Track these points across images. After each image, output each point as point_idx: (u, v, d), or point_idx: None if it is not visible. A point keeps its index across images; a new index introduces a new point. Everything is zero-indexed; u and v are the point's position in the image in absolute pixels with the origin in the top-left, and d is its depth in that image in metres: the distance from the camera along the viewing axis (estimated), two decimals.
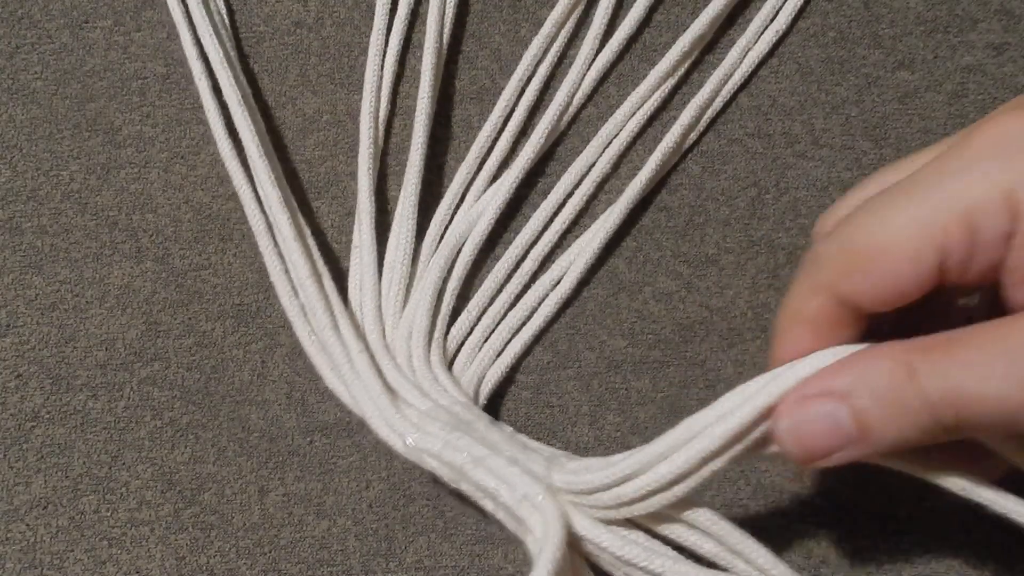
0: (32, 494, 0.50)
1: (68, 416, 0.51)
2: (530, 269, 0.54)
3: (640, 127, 0.56)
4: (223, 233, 0.54)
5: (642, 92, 0.56)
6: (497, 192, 0.54)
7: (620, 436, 0.51)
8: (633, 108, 0.56)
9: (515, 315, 0.53)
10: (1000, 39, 0.57)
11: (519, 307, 0.53)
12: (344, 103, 0.57)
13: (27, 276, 0.53)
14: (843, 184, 0.55)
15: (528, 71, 0.57)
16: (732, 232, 0.54)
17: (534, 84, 0.57)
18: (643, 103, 0.56)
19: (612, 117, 0.56)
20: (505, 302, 0.53)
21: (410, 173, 0.53)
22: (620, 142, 0.56)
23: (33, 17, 0.58)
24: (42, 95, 0.57)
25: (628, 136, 0.56)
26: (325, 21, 0.58)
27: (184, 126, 0.56)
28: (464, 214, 0.54)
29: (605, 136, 0.56)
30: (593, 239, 0.53)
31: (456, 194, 0.54)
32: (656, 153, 0.54)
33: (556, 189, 0.55)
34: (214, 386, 0.52)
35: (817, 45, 0.58)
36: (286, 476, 0.50)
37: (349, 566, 0.49)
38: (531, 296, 0.53)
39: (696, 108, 0.55)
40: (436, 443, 0.45)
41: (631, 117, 0.56)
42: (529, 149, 0.54)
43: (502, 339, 0.52)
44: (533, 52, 0.57)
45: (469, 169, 0.55)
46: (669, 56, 0.56)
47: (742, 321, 0.53)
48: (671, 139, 0.54)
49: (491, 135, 0.55)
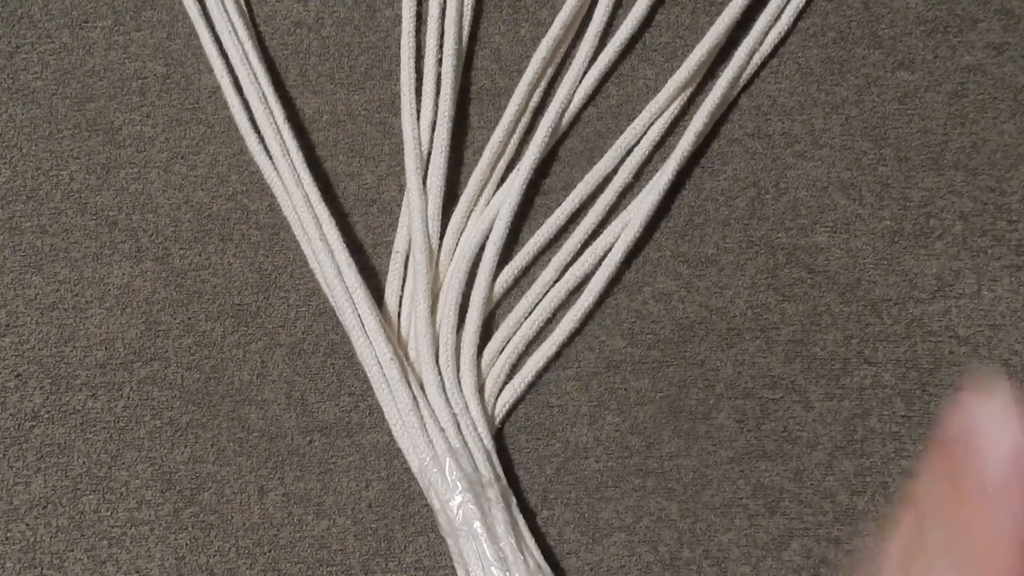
0: (32, 494, 0.50)
1: (68, 416, 0.51)
2: (550, 279, 0.54)
3: (661, 135, 0.56)
4: (223, 233, 0.54)
5: (661, 102, 0.56)
6: (507, 196, 0.54)
7: (619, 436, 0.51)
8: (652, 117, 0.56)
9: (534, 328, 0.53)
10: (1000, 39, 0.57)
11: (538, 319, 0.53)
12: (344, 103, 0.57)
13: (27, 276, 0.53)
14: (843, 184, 0.55)
15: (537, 74, 0.57)
16: (731, 232, 0.54)
17: (542, 86, 0.57)
18: (662, 112, 0.56)
19: (630, 127, 0.56)
20: (532, 319, 0.53)
21: (434, 176, 0.54)
22: (641, 151, 0.56)
23: (33, 17, 0.58)
24: (42, 95, 0.57)
25: (649, 145, 0.56)
26: (325, 21, 0.58)
27: (184, 126, 0.56)
28: (477, 219, 0.54)
29: (623, 146, 0.56)
30: (615, 251, 0.53)
31: (472, 198, 0.54)
32: (671, 161, 0.54)
33: (571, 197, 0.54)
34: (214, 386, 0.52)
35: (817, 45, 0.58)
36: (286, 476, 0.50)
37: (348, 566, 0.49)
38: (548, 307, 0.53)
39: (707, 113, 0.55)
40: (449, 495, 0.47)
41: (651, 126, 0.56)
42: (534, 150, 0.54)
43: (520, 353, 0.53)
44: (542, 55, 0.57)
45: (483, 174, 0.55)
46: (687, 64, 0.56)
47: (742, 321, 0.53)
48: (686, 146, 0.54)
49: (503, 139, 0.55)
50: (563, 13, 0.57)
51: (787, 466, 0.50)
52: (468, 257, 0.53)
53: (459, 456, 0.48)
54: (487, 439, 0.50)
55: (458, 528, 0.46)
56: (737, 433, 0.51)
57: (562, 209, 0.54)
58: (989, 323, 0.52)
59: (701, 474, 0.50)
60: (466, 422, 0.49)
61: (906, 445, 0.50)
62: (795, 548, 0.49)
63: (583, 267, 0.53)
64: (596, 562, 0.49)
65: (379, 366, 0.50)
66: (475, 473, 0.48)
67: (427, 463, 0.48)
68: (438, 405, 0.49)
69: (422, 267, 0.52)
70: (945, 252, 0.54)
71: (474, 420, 0.50)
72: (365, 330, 0.50)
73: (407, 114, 0.55)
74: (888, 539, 0.32)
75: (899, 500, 0.48)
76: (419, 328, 0.51)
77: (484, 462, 0.48)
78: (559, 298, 0.53)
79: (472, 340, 0.52)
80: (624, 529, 0.49)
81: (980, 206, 0.54)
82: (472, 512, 0.47)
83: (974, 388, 0.32)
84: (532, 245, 0.54)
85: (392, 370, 0.49)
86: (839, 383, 0.51)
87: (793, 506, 0.50)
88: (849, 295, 0.53)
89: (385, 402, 0.49)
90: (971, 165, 0.55)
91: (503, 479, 0.49)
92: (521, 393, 0.52)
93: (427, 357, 0.50)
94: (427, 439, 0.48)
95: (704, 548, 0.49)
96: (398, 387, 0.49)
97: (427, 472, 0.48)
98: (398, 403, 0.49)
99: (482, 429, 0.50)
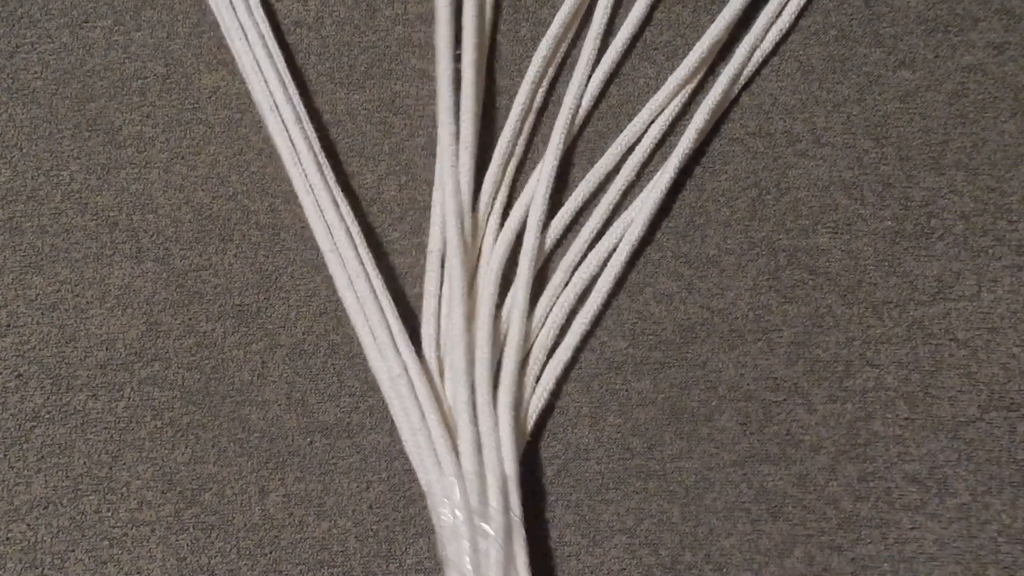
0: (33, 494, 0.50)
1: (68, 416, 0.51)
2: (560, 282, 0.53)
3: (663, 133, 0.56)
4: (223, 234, 0.54)
5: (660, 99, 0.56)
6: (533, 205, 0.54)
7: (620, 437, 0.51)
8: (652, 115, 0.56)
9: (551, 337, 0.52)
10: (1000, 38, 0.57)
11: (553, 326, 0.53)
12: (344, 103, 0.57)
13: (27, 276, 0.53)
14: (844, 183, 0.55)
15: (539, 72, 0.56)
16: (733, 233, 0.54)
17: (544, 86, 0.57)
18: (662, 109, 0.56)
19: (631, 125, 0.56)
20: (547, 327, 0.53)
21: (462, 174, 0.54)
22: (643, 149, 0.55)
23: (33, 17, 0.58)
24: (42, 95, 0.56)
25: (651, 142, 0.56)
26: (325, 21, 0.58)
27: (184, 126, 0.56)
28: (497, 224, 0.54)
29: (624, 144, 0.55)
30: (620, 253, 0.53)
31: (487, 201, 0.54)
32: (673, 159, 0.54)
33: (574, 197, 0.54)
34: (214, 386, 0.52)
35: (818, 44, 0.58)
36: (286, 477, 0.50)
37: (349, 567, 0.49)
38: (559, 315, 0.53)
39: (708, 111, 0.55)
40: (445, 523, 0.46)
41: (651, 123, 0.56)
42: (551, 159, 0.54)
43: (543, 364, 0.52)
44: (543, 54, 0.56)
45: (495, 177, 0.55)
46: (687, 62, 0.56)
47: (743, 322, 0.53)
48: (687, 144, 0.54)
49: (511, 139, 0.55)
50: (562, 11, 0.57)
51: (790, 470, 0.50)
52: (497, 268, 0.52)
53: (468, 482, 0.47)
54: (510, 464, 0.48)
55: (449, 558, 0.46)
56: (739, 436, 0.51)
57: (565, 208, 0.54)
58: (988, 326, 0.52)
59: (703, 477, 0.50)
60: (491, 443, 0.48)
61: (909, 449, 0.50)
62: (798, 555, 0.49)
63: (588, 269, 0.53)
64: (596, 565, 0.49)
65: (389, 380, 0.49)
66: (481, 505, 0.47)
67: (433, 485, 0.47)
68: (463, 423, 0.48)
69: (458, 271, 0.51)
70: (946, 253, 0.54)
71: (501, 441, 0.48)
72: (377, 344, 0.50)
73: (445, 109, 0.54)
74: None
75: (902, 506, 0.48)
76: (455, 337, 0.50)
77: (497, 491, 0.47)
78: (569, 304, 0.53)
79: (514, 356, 0.51)
80: (625, 532, 0.49)
81: (981, 206, 0.54)
82: (464, 548, 0.46)
83: None
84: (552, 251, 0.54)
85: (401, 386, 0.49)
86: (842, 385, 0.51)
87: (796, 511, 0.50)
88: (851, 297, 0.53)
89: (397, 417, 0.49)
90: (972, 164, 0.55)
91: (515, 512, 0.47)
92: (546, 403, 0.51)
93: (459, 371, 0.49)
94: (435, 459, 0.48)
95: (706, 552, 0.49)
96: (408, 403, 0.48)
97: (430, 494, 0.47)
98: (410, 419, 0.48)
99: (507, 452, 0.48)
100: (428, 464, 0.47)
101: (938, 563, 0.49)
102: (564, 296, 0.53)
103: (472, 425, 0.48)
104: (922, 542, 0.49)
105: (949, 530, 0.49)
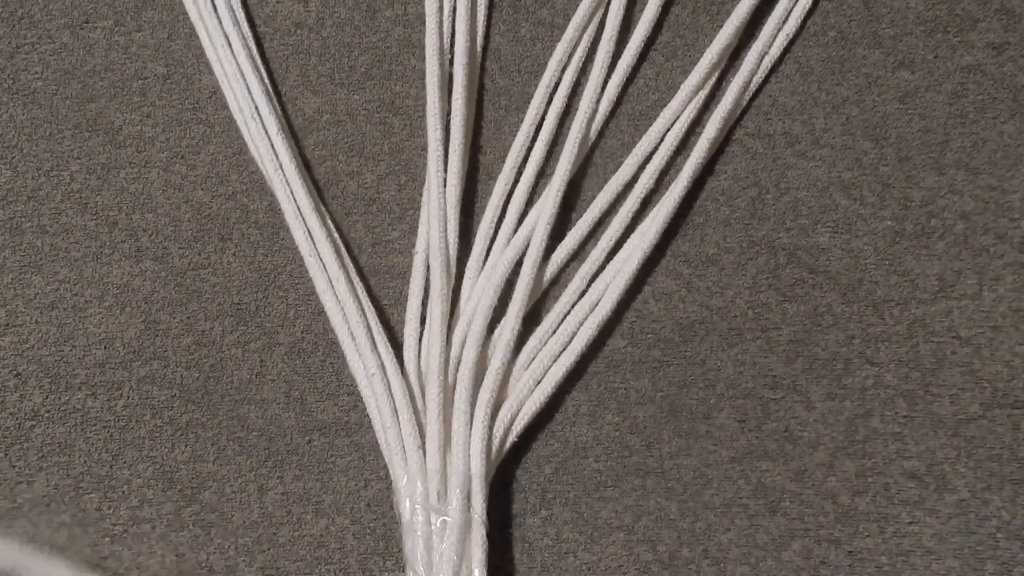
0: (34, 492, 0.50)
1: (68, 415, 0.51)
2: (578, 288, 0.53)
3: (679, 140, 0.56)
4: (222, 233, 0.54)
5: (674, 107, 0.56)
6: (542, 213, 0.53)
7: (619, 435, 0.51)
8: (667, 123, 0.56)
9: (560, 343, 0.52)
10: (1000, 39, 0.57)
11: (564, 332, 0.52)
12: (344, 103, 0.57)
13: (27, 275, 0.53)
14: (844, 184, 0.55)
15: (555, 76, 0.57)
16: (732, 232, 0.54)
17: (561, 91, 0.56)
18: (676, 117, 0.56)
19: (647, 133, 0.55)
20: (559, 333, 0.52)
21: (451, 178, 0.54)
22: (660, 157, 0.55)
23: (33, 17, 0.58)
24: (42, 95, 0.57)
25: (668, 150, 0.55)
26: (325, 21, 0.59)
27: (184, 126, 0.56)
28: (507, 239, 0.54)
29: (641, 153, 0.55)
30: (631, 259, 0.53)
31: (496, 209, 0.54)
32: (687, 168, 0.54)
33: (592, 208, 0.54)
34: (213, 385, 0.52)
35: (817, 45, 0.58)
36: (285, 475, 0.50)
37: (347, 564, 0.49)
38: (571, 322, 0.53)
39: (720, 119, 0.55)
40: (405, 520, 0.47)
41: (668, 131, 0.56)
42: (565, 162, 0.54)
43: (547, 367, 0.52)
44: (558, 58, 0.56)
45: (507, 179, 0.55)
46: (698, 69, 0.56)
47: (742, 321, 0.53)
48: (700, 152, 0.54)
49: (525, 144, 0.55)
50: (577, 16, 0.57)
51: (788, 466, 0.50)
52: (502, 272, 0.52)
53: (430, 480, 0.47)
54: (477, 462, 0.48)
55: (406, 554, 0.46)
56: (738, 433, 0.51)
57: (584, 220, 0.54)
58: (991, 324, 0.52)
59: (701, 474, 0.50)
60: (460, 441, 0.48)
61: (908, 446, 0.50)
62: (795, 549, 0.49)
63: (604, 279, 0.53)
64: (594, 562, 0.49)
65: (366, 378, 0.49)
66: (440, 503, 0.47)
67: (398, 481, 0.47)
68: (431, 420, 0.49)
69: (439, 272, 0.52)
70: (947, 252, 0.53)
71: (471, 440, 0.49)
72: (355, 341, 0.50)
73: (433, 114, 0.54)
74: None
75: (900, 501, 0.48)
76: (432, 336, 0.51)
77: (459, 489, 0.47)
78: (585, 311, 0.52)
79: (503, 356, 0.51)
80: (623, 528, 0.49)
81: (981, 204, 0.54)
82: (418, 544, 0.46)
83: None
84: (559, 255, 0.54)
85: (376, 383, 0.49)
86: (841, 383, 0.51)
87: (794, 507, 0.49)
88: (851, 295, 0.53)
89: (372, 414, 0.49)
90: (972, 164, 0.55)
91: (476, 510, 0.47)
92: (541, 406, 0.51)
93: (433, 368, 0.50)
94: (403, 456, 0.48)
95: (703, 548, 0.49)
96: (382, 400, 0.49)
97: (395, 490, 0.47)
98: (382, 416, 0.49)
99: (476, 450, 0.48)
100: (396, 460, 0.48)
101: (936, 557, 0.48)
102: (564, 297, 0.53)
103: (439, 422, 0.48)
104: (920, 536, 0.49)
105: (948, 525, 0.49)
